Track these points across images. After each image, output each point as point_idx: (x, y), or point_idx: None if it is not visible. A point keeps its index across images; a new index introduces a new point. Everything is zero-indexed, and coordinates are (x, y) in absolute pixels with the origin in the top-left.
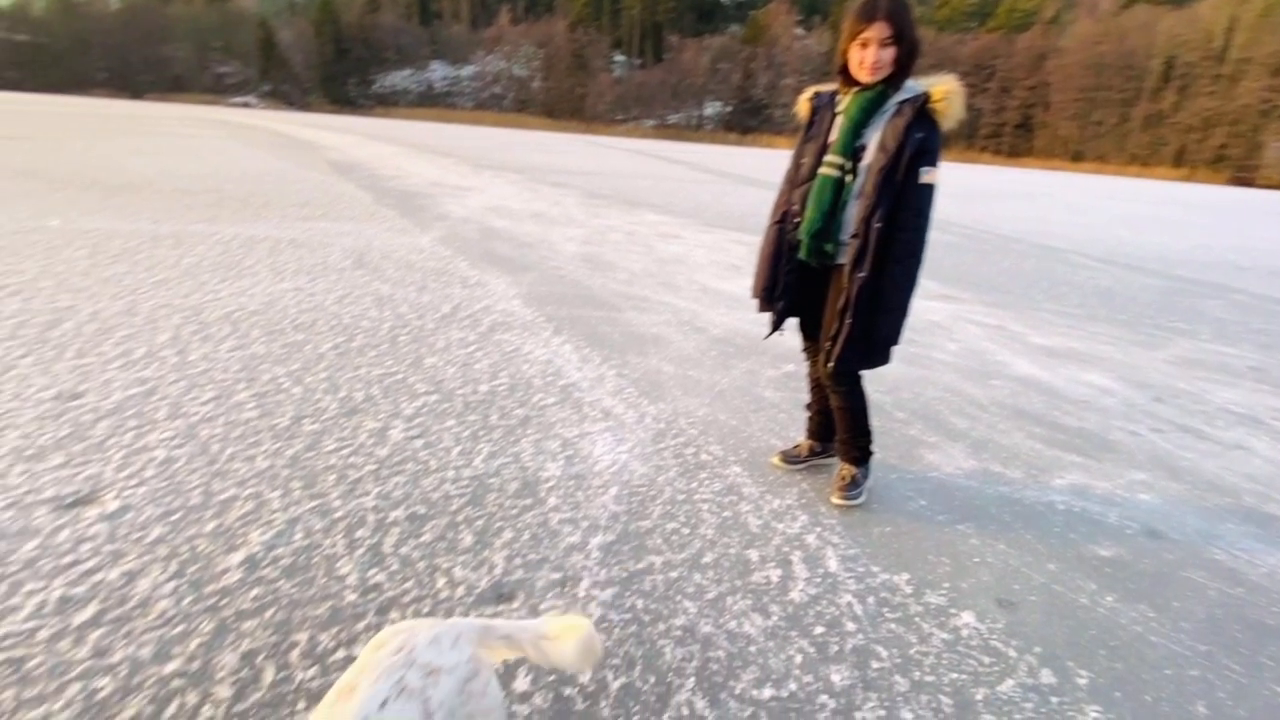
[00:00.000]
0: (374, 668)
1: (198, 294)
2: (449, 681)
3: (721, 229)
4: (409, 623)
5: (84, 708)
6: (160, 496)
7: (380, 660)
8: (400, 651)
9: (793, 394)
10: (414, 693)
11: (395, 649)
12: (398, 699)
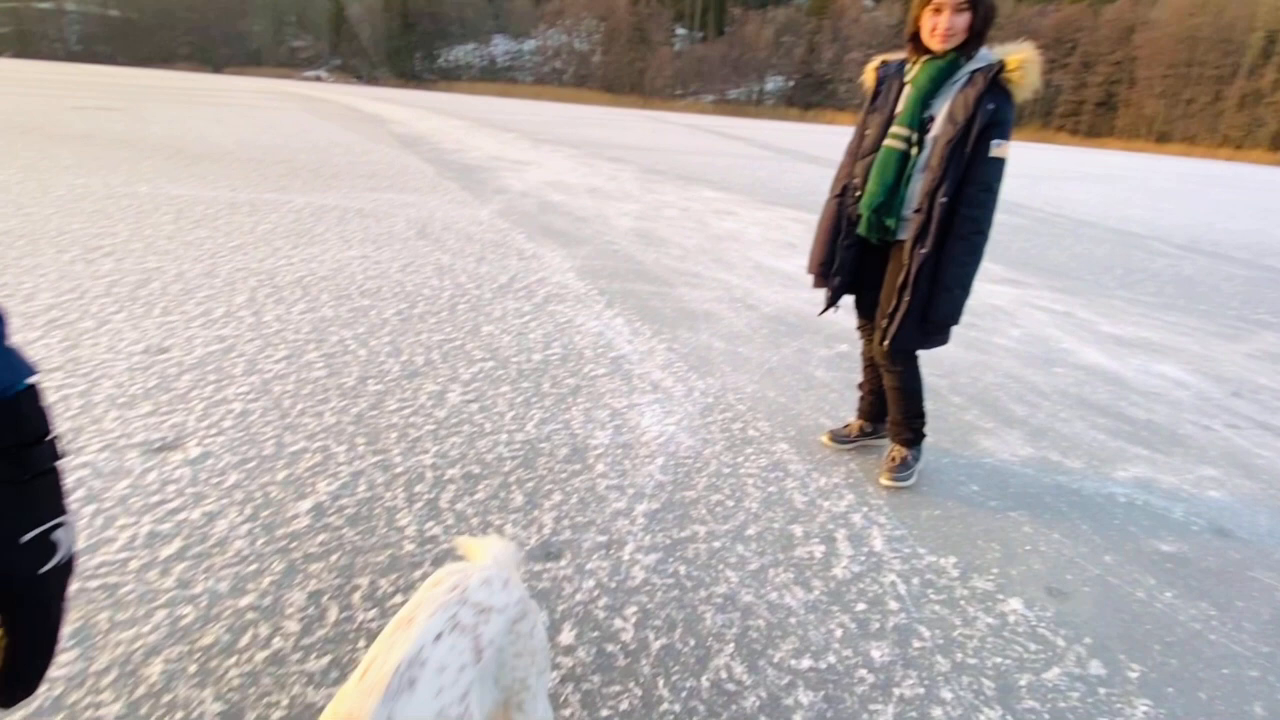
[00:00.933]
0: (430, 603)
1: (272, 259)
2: (499, 620)
3: (778, 206)
4: (463, 564)
5: (169, 632)
6: (237, 446)
7: (436, 597)
8: (455, 590)
9: (845, 374)
10: (466, 629)
11: (450, 587)
12: (451, 633)
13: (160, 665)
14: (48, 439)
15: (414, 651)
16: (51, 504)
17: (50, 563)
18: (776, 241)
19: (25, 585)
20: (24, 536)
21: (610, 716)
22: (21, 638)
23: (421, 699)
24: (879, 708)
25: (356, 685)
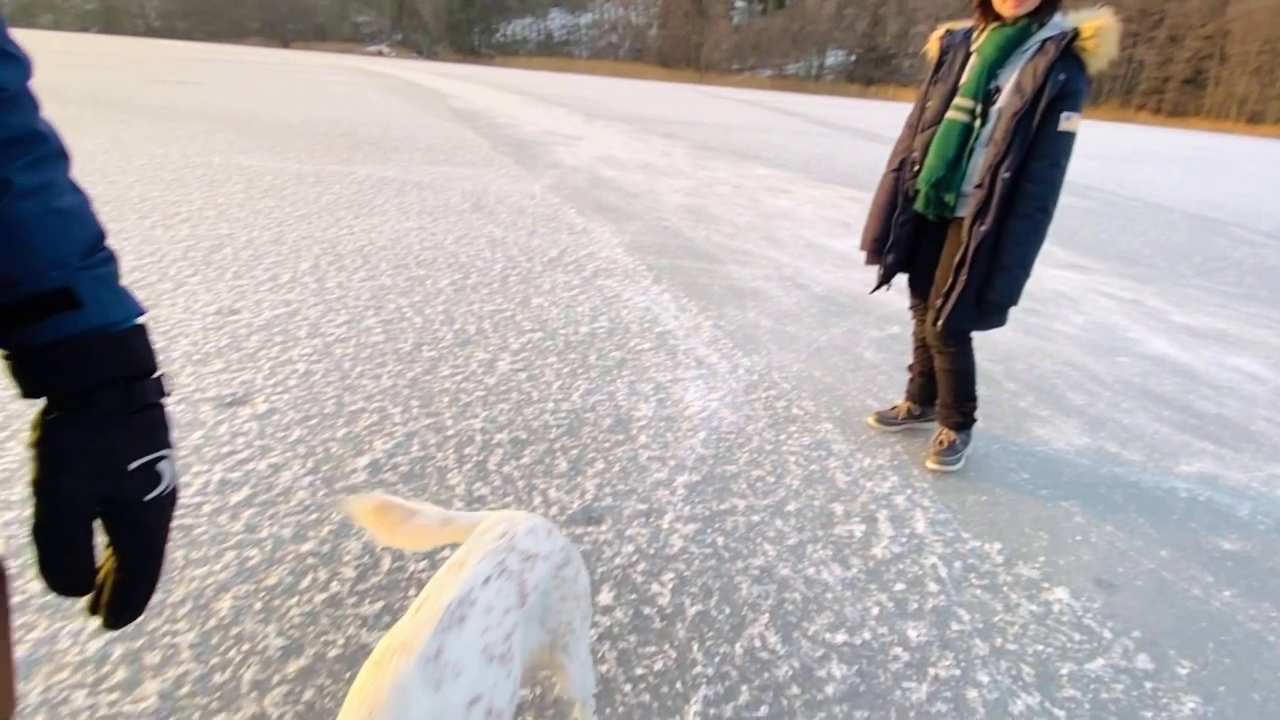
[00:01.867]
0: (480, 549)
1: (334, 228)
2: (543, 567)
3: (834, 185)
4: (510, 512)
5: (238, 571)
6: (301, 403)
7: (485, 543)
8: (503, 538)
9: (895, 356)
10: (513, 574)
11: (498, 535)
12: (498, 578)
13: (229, 601)
14: (154, 376)
15: (464, 591)
16: (156, 436)
17: (154, 492)
18: (830, 220)
19: (131, 510)
20: (131, 464)
21: (645, 675)
22: (128, 563)
23: (469, 635)
24: (912, 685)
25: (411, 619)
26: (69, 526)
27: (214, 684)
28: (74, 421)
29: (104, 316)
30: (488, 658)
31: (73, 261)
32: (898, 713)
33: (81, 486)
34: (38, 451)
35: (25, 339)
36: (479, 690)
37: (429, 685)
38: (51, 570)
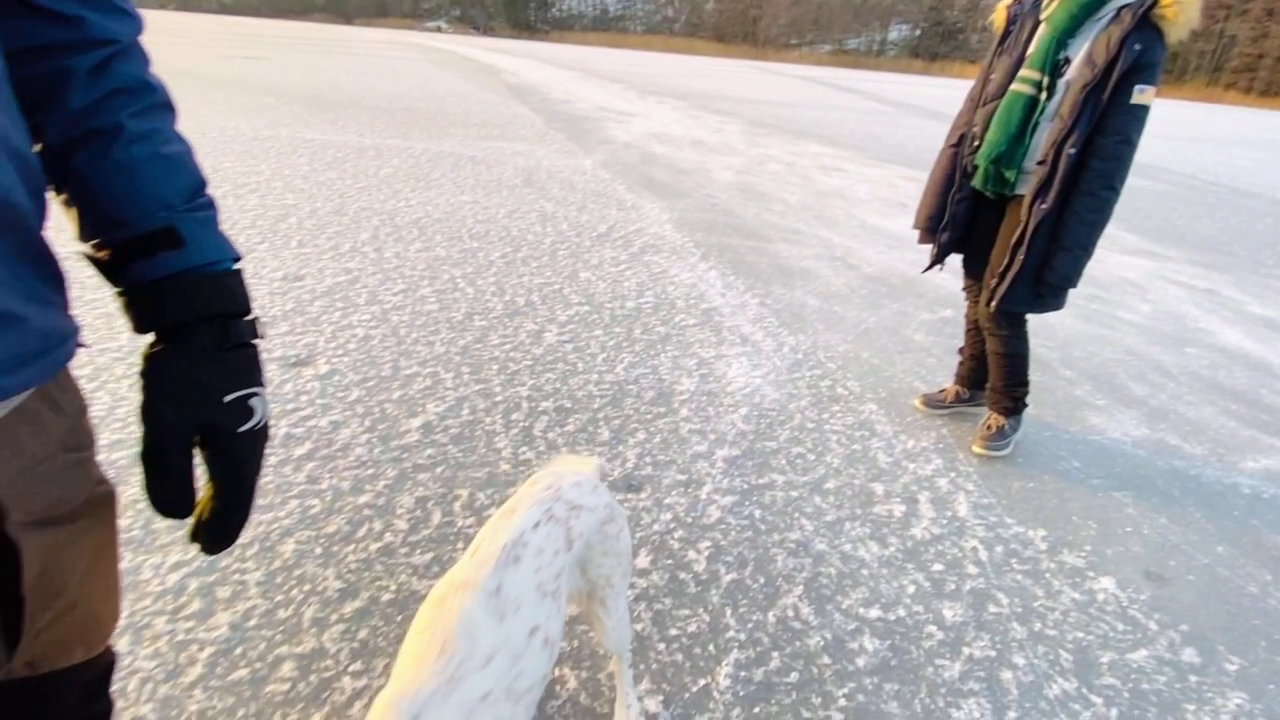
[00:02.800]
0: (529, 498)
1: (393, 200)
2: (588, 518)
3: (891, 164)
4: (558, 468)
5: (300, 519)
6: (359, 366)
7: (535, 493)
8: (550, 489)
9: (947, 339)
10: (560, 520)
11: (546, 486)
12: (547, 523)
13: (292, 545)
14: (248, 317)
15: (517, 535)
16: (249, 373)
17: (247, 425)
18: (885, 200)
19: (226, 440)
20: (226, 397)
21: (678, 635)
22: (223, 492)
23: (524, 572)
24: (945, 663)
25: (469, 560)
26: (170, 450)
27: (278, 619)
28: (175, 354)
29: (203, 256)
30: (542, 593)
31: (177, 203)
32: (929, 688)
33: (181, 413)
34: (144, 381)
35: (134, 276)
36: (537, 621)
37: (494, 616)
38: (155, 491)
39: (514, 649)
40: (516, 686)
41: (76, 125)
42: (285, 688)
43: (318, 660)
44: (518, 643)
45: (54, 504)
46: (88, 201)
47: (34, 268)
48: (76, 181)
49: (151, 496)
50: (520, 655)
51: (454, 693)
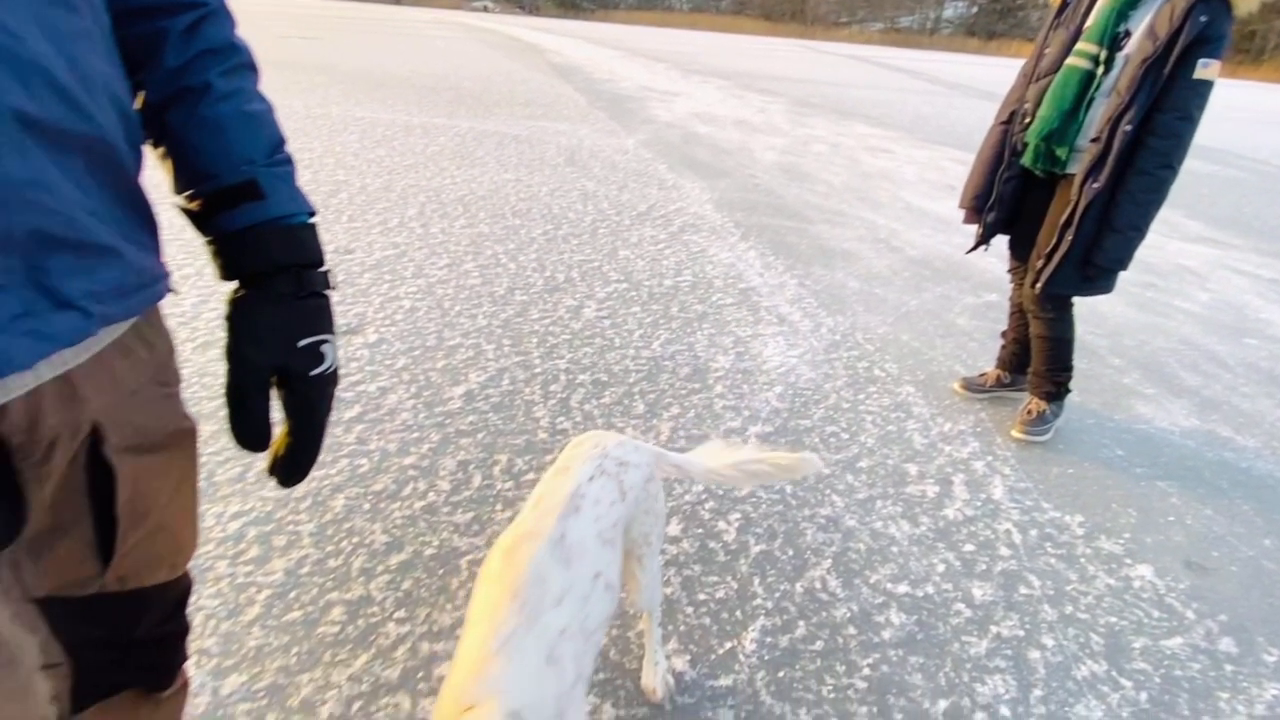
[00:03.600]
0: (580, 456)
1: (438, 178)
2: (635, 474)
3: (940, 145)
4: (597, 432)
5: (349, 476)
6: (406, 336)
7: (583, 453)
8: (597, 448)
9: (990, 324)
10: (611, 475)
11: (593, 445)
12: (600, 477)
13: (342, 500)
14: (321, 269)
15: (575, 488)
16: (321, 321)
17: (319, 369)
18: (933, 182)
19: (299, 383)
20: (300, 342)
21: (706, 601)
22: (297, 430)
23: (584, 521)
24: (972, 640)
25: (532, 512)
26: (250, 388)
27: (329, 567)
28: (256, 300)
29: (281, 209)
30: (601, 541)
31: (259, 159)
32: (954, 663)
33: (260, 354)
34: (229, 324)
35: (220, 226)
36: (599, 567)
37: (561, 562)
38: (237, 426)
39: (581, 591)
40: (586, 626)
41: (171, 83)
42: (335, 630)
43: (365, 607)
44: (584, 586)
45: (145, 432)
46: (180, 155)
47: (130, 210)
48: (171, 136)
49: (234, 431)
50: (587, 597)
51: (533, 628)
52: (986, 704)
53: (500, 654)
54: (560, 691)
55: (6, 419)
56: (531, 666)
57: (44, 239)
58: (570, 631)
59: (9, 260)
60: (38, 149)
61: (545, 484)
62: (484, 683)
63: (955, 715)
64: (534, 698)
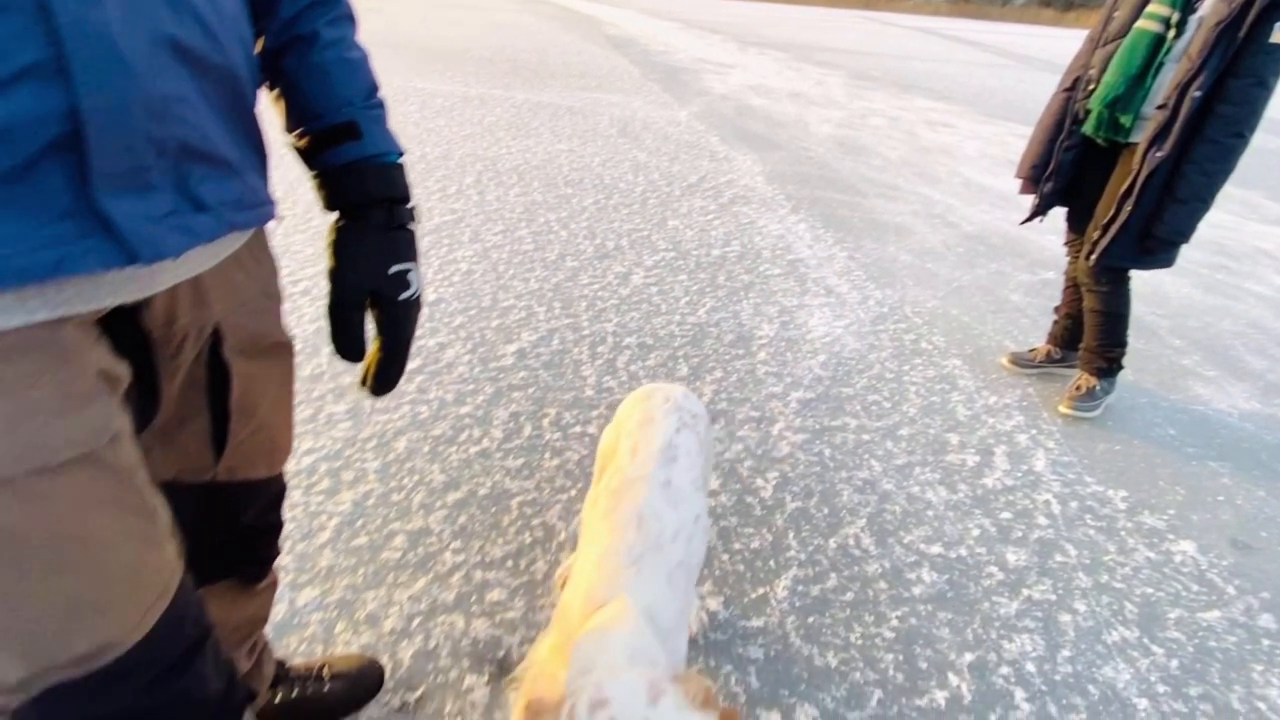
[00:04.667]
0: (657, 409)
1: (495, 148)
2: (703, 424)
3: (1005, 121)
4: (660, 385)
5: (410, 421)
6: (462, 296)
7: (657, 405)
8: (668, 401)
9: (1045, 301)
10: (689, 426)
11: (663, 399)
12: (683, 429)
13: (404, 442)
14: (409, 205)
15: (667, 439)
16: (409, 251)
17: (406, 294)
18: (995, 158)
19: (389, 305)
20: (390, 269)
21: (741, 550)
22: (386, 347)
23: (681, 469)
24: (1002, 601)
25: (633, 460)
26: (348, 307)
27: (392, 500)
28: (353, 230)
29: (376, 148)
30: (694, 487)
31: (358, 102)
32: (982, 621)
33: (357, 278)
34: (330, 251)
35: (324, 162)
36: (697, 510)
37: (671, 505)
38: (337, 340)
39: (687, 532)
40: (690, 563)
41: (285, 32)
42: (397, 555)
43: (424, 537)
44: (689, 527)
45: (255, 339)
46: (291, 97)
47: (249, 137)
48: (284, 80)
49: (335, 344)
50: (691, 537)
51: (658, 555)
52: (1013, 660)
53: (631, 568)
54: (676, 610)
55: (150, 312)
56: (658, 582)
57: (187, 150)
58: (684, 565)
59: (162, 165)
60: (185, 73)
61: (629, 436)
62: (616, 588)
63: (980, 668)
64: (659, 604)
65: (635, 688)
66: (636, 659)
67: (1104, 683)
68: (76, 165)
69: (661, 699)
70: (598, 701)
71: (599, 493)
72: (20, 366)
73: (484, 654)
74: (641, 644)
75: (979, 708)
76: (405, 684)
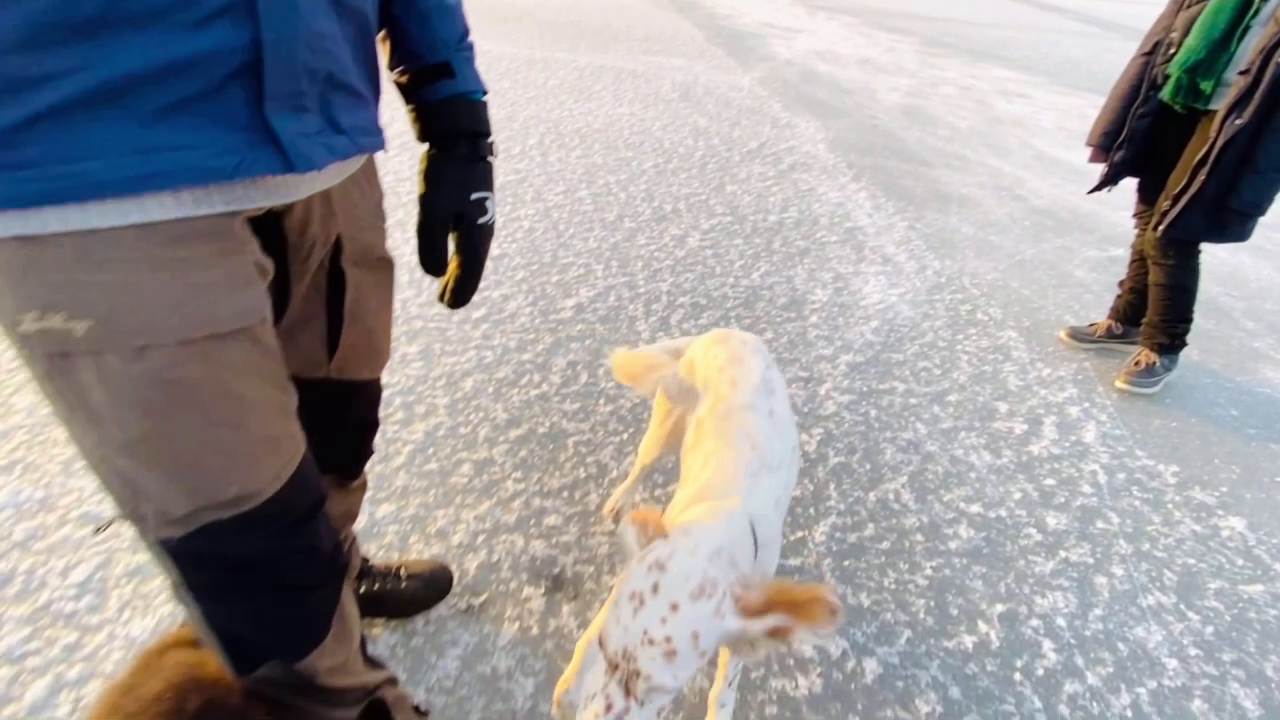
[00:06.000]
0: (741, 349)
1: (557, 110)
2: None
3: (1087, 92)
4: (725, 330)
5: (476, 364)
6: (524, 252)
7: (739, 345)
8: (747, 344)
9: (1112, 278)
10: (773, 364)
11: (741, 341)
12: (770, 366)
13: (470, 382)
14: (490, 139)
15: (762, 373)
16: (487, 181)
17: (483, 219)
18: (1072, 131)
19: (470, 228)
20: (472, 195)
21: None
22: (464, 265)
23: (779, 401)
24: (1038, 560)
25: (733, 390)
26: (435, 226)
27: (459, 433)
28: (443, 159)
29: (466, 86)
30: (789, 421)
31: (452, 44)
32: (1016, 576)
33: (443, 202)
34: (421, 178)
35: (421, 98)
36: (794, 441)
37: (778, 434)
38: (424, 255)
39: (789, 460)
40: (788, 490)
41: None
42: (464, 481)
43: (488, 466)
44: (790, 456)
45: (366, 251)
46: (396, 39)
47: (372, 73)
48: (392, 24)
49: (422, 259)
50: (792, 465)
51: (772, 474)
52: (1044, 614)
53: (747, 478)
54: (771, 528)
55: (290, 219)
56: (769, 499)
57: (332, 80)
58: (785, 488)
59: (313, 92)
60: (333, 14)
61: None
62: (730, 491)
63: (1010, 618)
64: (764, 517)
65: (692, 576)
66: (717, 557)
67: (1134, 641)
68: (254, 89)
69: (701, 598)
70: (658, 564)
71: (703, 418)
72: (203, 249)
73: (541, 570)
74: (730, 544)
75: (1005, 653)
76: (470, 590)
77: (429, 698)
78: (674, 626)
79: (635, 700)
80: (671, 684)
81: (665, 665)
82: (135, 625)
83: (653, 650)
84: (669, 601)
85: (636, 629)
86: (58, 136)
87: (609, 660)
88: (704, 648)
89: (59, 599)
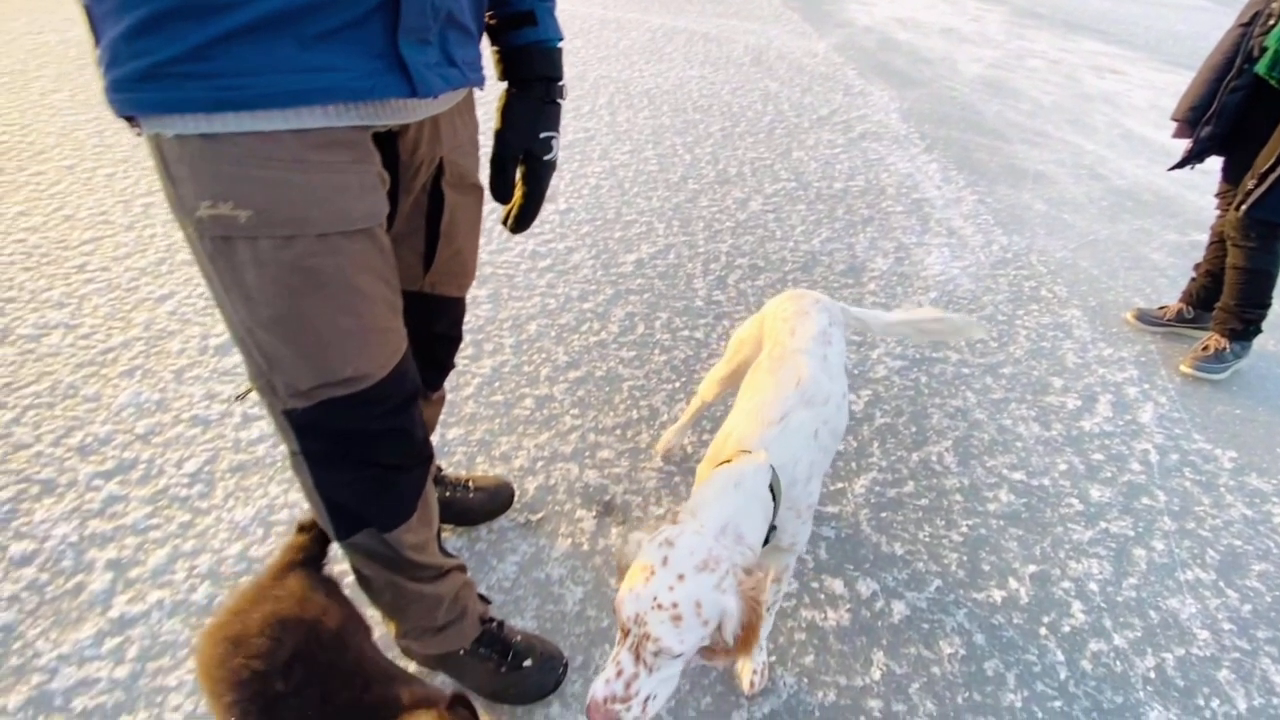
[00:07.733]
0: (810, 306)
1: (628, 71)
2: (840, 328)
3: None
4: (800, 290)
5: (540, 309)
6: (589, 208)
7: (809, 304)
8: (817, 303)
9: (1190, 263)
10: (838, 324)
11: (813, 300)
12: (834, 326)
13: (534, 326)
14: (561, 83)
15: (822, 326)
16: (556, 121)
17: (548, 156)
18: (1165, 110)
19: (536, 163)
20: (541, 134)
21: None
22: (527, 196)
23: (835, 352)
24: (1076, 528)
25: (791, 338)
26: (507, 159)
27: (523, 371)
28: (520, 99)
29: (546, 34)
30: (843, 371)
31: None
32: (1053, 542)
33: (516, 137)
34: (498, 114)
35: (506, 42)
36: (843, 388)
37: (828, 375)
38: (494, 183)
39: (836, 402)
40: (836, 429)
41: None
42: (526, 413)
43: (548, 402)
44: (838, 399)
45: (463, 176)
46: None
47: (479, 15)
48: None
49: (492, 187)
50: (840, 408)
51: (809, 409)
52: (1076, 578)
53: (780, 422)
54: (814, 459)
55: (404, 140)
56: (800, 436)
57: (450, 18)
58: (829, 425)
59: (435, 28)
60: None
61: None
62: (762, 441)
63: (1042, 579)
64: (793, 459)
65: (696, 551)
66: (722, 535)
67: (1166, 611)
68: (390, 21)
69: (704, 571)
70: (669, 540)
71: (760, 361)
72: (342, 155)
73: (593, 496)
74: (736, 519)
75: (1033, 609)
76: (529, 508)
77: (489, 595)
78: (680, 594)
79: (645, 666)
80: (678, 647)
81: (672, 629)
82: (239, 512)
83: (661, 614)
84: (676, 572)
85: (648, 595)
86: (237, 53)
87: (622, 626)
88: (706, 617)
89: (174, 485)
